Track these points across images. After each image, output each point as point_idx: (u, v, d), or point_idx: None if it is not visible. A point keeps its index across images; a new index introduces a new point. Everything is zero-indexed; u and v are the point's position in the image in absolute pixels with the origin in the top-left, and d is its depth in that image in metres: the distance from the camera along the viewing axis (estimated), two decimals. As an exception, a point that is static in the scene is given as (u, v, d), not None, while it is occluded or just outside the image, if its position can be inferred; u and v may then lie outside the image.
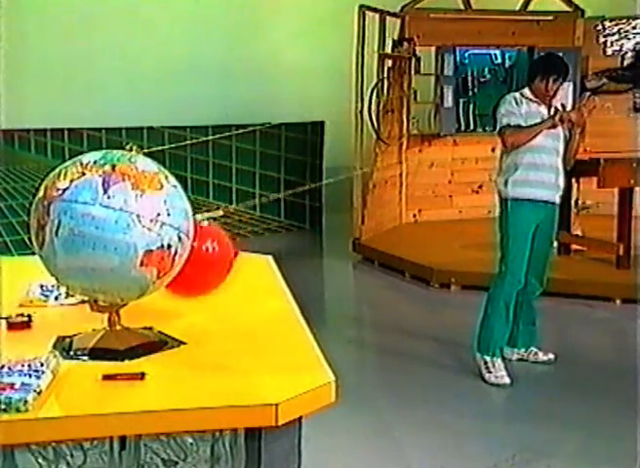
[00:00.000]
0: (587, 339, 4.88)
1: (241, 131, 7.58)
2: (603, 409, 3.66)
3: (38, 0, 6.95)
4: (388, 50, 7.18)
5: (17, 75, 6.63)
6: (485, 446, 3.32)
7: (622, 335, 4.83)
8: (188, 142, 7.33)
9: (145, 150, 1.89)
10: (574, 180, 6.18)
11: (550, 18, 7.72)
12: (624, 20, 7.67)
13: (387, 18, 7.07)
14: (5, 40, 6.53)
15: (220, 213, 1.75)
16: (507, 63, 7.70)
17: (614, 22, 7.72)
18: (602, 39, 7.73)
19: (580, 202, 6.38)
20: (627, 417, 3.31)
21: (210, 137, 7.44)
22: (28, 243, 1.83)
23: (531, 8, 7.70)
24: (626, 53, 7.71)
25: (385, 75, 7.12)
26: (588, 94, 3.96)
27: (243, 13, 7.97)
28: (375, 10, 6.89)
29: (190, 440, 1.56)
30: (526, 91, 3.98)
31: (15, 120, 6.35)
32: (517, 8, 7.73)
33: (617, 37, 7.72)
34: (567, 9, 7.80)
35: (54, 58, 6.85)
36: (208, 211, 1.81)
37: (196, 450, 1.57)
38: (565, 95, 7.57)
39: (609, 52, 7.77)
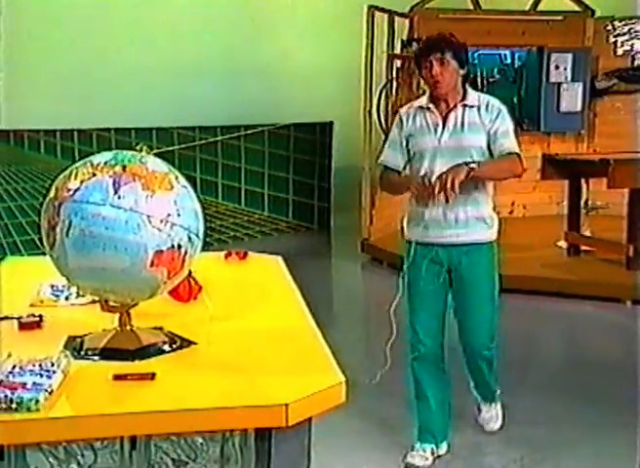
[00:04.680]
0: (597, 341, 4.86)
1: (250, 131, 7.59)
2: (613, 411, 3.64)
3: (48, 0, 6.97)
4: (397, 50, 7.17)
5: (27, 76, 6.66)
6: (494, 447, 3.32)
7: (633, 337, 4.80)
8: (197, 143, 7.35)
9: (155, 151, 1.89)
10: (583, 181, 6.18)
11: (560, 17, 7.69)
12: (635, 20, 7.63)
13: (396, 18, 7.06)
14: (15, 40, 6.56)
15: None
16: (517, 64, 7.67)
17: (624, 22, 7.68)
18: (612, 39, 7.70)
19: (589, 202, 6.36)
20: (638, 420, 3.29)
21: (219, 138, 7.45)
22: (38, 243, 1.84)
23: (541, 8, 7.67)
24: (637, 53, 7.67)
25: (394, 75, 7.11)
26: (437, 178, 2.76)
27: (252, 13, 7.97)
28: (383, 10, 6.88)
29: (200, 440, 1.56)
30: (424, 98, 2.95)
31: (25, 121, 6.38)
32: (527, 8, 7.70)
33: (627, 37, 7.68)
34: (577, 9, 7.77)
35: (63, 59, 6.87)
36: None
37: (206, 451, 1.57)
38: (576, 95, 7.58)
39: (619, 52, 7.73)
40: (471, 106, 2.88)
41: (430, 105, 2.91)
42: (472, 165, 2.72)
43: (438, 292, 3.00)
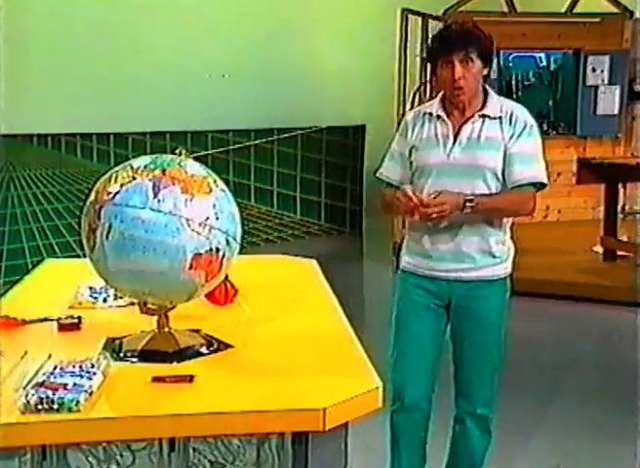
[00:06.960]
0: (632, 347, 4.78)
1: (286, 135, 7.63)
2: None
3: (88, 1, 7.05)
4: (431, 53, 7.14)
5: (62, 81, 6.75)
6: (529, 456, 3.29)
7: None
8: (232, 147, 7.39)
9: (192, 155, 1.90)
10: (620, 185, 6.09)
11: (597, 19, 7.58)
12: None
13: (430, 21, 7.04)
14: (52, 45, 6.66)
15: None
16: (553, 66, 7.59)
17: (663, 24, 7.56)
18: (651, 41, 7.57)
19: (626, 207, 6.27)
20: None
21: (254, 142, 7.50)
22: (74, 245, 1.86)
23: (577, 9, 7.58)
24: (676, 55, 7.54)
25: (428, 78, 7.08)
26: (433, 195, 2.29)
27: (286, 16, 8.00)
28: (417, 13, 6.86)
29: (237, 442, 1.57)
30: (435, 102, 2.50)
31: (62, 125, 6.48)
32: (563, 10, 7.61)
33: (666, 39, 7.55)
34: (615, 10, 7.66)
35: (100, 63, 6.96)
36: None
37: (243, 453, 1.58)
38: (613, 98, 7.46)
39: (658, 54, 7.60)
40: (492, 118, 2.36)
41: (442, 113, 2.41)
42: (470, 200, 2.27)
43: (434, 333, 2.51)
